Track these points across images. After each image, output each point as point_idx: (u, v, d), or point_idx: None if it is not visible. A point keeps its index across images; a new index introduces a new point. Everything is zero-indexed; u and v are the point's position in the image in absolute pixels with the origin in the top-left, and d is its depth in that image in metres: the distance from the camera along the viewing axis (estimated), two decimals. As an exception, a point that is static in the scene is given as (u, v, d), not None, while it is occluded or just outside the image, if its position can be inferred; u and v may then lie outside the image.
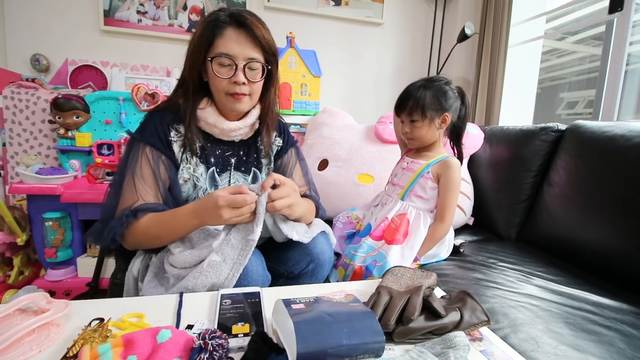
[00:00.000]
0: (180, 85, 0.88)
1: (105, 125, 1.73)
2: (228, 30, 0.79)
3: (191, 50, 0.83)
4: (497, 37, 2.05)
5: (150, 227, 0.76)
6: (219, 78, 0.80)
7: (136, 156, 0.81)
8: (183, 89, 0.87)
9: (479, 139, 1.60)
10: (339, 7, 2.34)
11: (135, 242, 0.79)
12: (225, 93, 0.82)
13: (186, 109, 0.84)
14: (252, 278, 0.73)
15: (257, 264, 0.75)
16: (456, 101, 1.06)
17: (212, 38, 0.79)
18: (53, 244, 1.52)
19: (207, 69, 0.82)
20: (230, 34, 0.79)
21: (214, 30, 0.79)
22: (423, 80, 1.07)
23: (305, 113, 2.11)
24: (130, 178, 0.80)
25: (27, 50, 1.94)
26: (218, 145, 0.90)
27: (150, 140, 0.82)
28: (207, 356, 0.45)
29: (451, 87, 1.06)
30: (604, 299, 0.84)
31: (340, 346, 0.46)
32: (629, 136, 1.02)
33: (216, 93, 0.84)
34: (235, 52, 0.79)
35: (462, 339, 0.52)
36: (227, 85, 0.81)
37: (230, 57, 0.79)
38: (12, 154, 1.71)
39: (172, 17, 2.13)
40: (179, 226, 0.76)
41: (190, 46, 0.83)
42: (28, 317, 0.53)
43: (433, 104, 1.03)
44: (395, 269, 0.73)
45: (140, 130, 0.85)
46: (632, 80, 1.65)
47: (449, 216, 1.05)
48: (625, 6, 1.56)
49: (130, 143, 0.84)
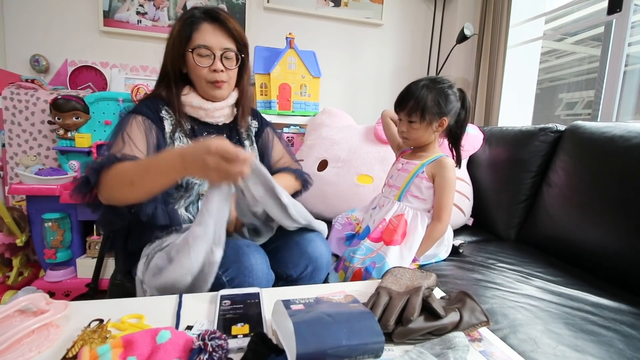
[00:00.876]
0: (161, 80, 0.94)
1: (105, 126, 1.73)
2: (204, 25, 0.88)
3: (171, 45, 0.90)
4: (497, 37, 2.06)
5: (127, 169, 0.71)
6: (199, 67, 0.88)
7: (128, 123, 0.84)
8: (165, 81, 0.93)
9: (478, 139, 1.60)
10: (338, 8, 2.34)
11: (108, 187, 0.72)
12: (206, 81, 0.90)
13: (171, 95, 0.91)
14: (257, 276, 0.73)
15: (261, 262, 0.76)
16: (456, 105, 1.05)
17: (190, 33, 0.87)
18: (52, 244, 1.52)
19: (187, 60, 0.89)
20: (206, 28, 0.88)
21: (191, 26, 0.87)
22: (427, 80, 1.04)
23: (305, 114, 2.11)
24: (121, 138, 0.81)
25: (27, 51, 1.94)
26: (205, 128, 0.96)
27: (143, 111, 0.87)
28: (207, 357, 0.45)
29: (454, 91, 1.05)
30: (603, 300, 0.84)
31: (339, 347, 0.46)
32: (627, 137, 1.02)
33: (198, 82, 0.91)
34: (212, 43, 0.88)
35: (461, 339, 0.52)
36: (207, 73, 0.89)
37: (208, 47, 0.87)
38: (12, 155, 1.71)
39: (172, 17, 2.13)
40: (159, 169, 0.68)
41: (170, 42, 0.90)
42: (27, 318, 0.53)
43: (433, 107, 1.02)
44: (394, 270, 0.73)
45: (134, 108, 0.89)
46: (631, 81, 1.66)
47: (446, 215, 1.05)
48: (624, 7, 1.57)
49: (121, 118, 0.88)
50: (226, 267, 0.73)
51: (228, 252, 0.73)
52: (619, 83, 1.60)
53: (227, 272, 0.73)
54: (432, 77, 1.07)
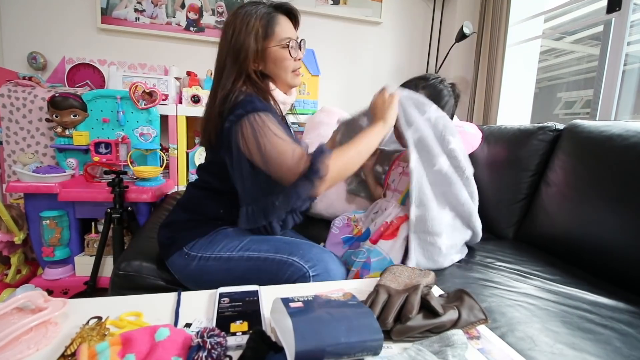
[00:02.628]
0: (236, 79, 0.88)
1: (103, 124, 1.72)
2: (281, 18, 0.91)
3: (253, 42, 0.87)
4: (496, 36, 2.06)
5: (352, 155, 0.87)
6: (288, 60, 0.92)
7: (265, 121, 0.82)
8: (246, 81, 0.90)
9: (476, 138, 1.60)
10: (337, 6, 2.33)
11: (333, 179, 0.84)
12: (292, 71, 0.94)
13: (267, 90, 0.94)
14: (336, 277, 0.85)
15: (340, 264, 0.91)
16: (450, 99, 1.05)
17: (273, 27, 0.89)
18: (50, 242, 1.52)
19: (269, 55, 0.91)
20: (284, 20, 0.92)
21: (273, 20, 0.89)
22: (416, 79, 1.05)
23: (304, 112, 2.10)
24: (276, 134, 0.81)
25: (24, 48, 1.94)
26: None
27: (268, 109, 0.86)
28: (206, 354, 0.45)
29: (445, 85, 1.05)
30: (600, 298, 0.84)
31: (338, 344, 0.46)
32: (626, 136, 1.02)
33: (284, 74, 0.94)
34: (292, 34, 0.93)
35: (460, 337, 0.52)
36: (293, 64, 0.93)
37: (292, 39, 0.92)
38: (9, 153, 1.70)
39: (170, 15, 2.12)
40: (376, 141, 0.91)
41: (249, 39, 0.87)
42: (25, 316, 0.53)
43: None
44: (393, 268, 0.73)
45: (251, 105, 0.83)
46: (630, 80, 1.66)
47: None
48: (623, 6, 1.57)
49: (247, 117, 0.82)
50: (313, 263, 0.83)
51: (314, 251, 0.86)
52: (617, 82, 1.60)
53: (314, 268, 0.83)
54: (420, 76, 1.08)
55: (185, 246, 0.90)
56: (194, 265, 0.88)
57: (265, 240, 0.90)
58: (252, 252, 0.86)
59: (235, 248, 0.88)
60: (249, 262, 0.86)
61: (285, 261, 0.83)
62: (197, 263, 0.88)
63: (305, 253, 0.85)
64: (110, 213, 1.44)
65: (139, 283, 0.95)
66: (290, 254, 0.84)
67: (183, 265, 0.90)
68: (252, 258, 0.86)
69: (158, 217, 1.30)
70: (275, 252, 0.85)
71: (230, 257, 0.87)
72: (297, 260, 0.83)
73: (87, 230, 1.64)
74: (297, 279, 0.81)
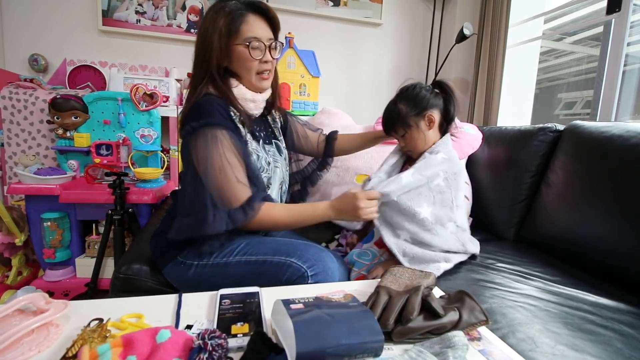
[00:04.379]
0: (202, 77, 0.89)
1: (104, 126, 1.73)
2: (250, 16, 0.87)
3: (216, 39, 0.85)
4: (496, 37, 2.06)
5: (281, 219, 0.87)
6: (250, 60, 0.87)
7: (218, 143, 0.82)
8: (209, 78, 0.88)
9: (477, 139, 1.60)
10: (337, 8, 2.34)
11: (258, 225, 0.86)
12: (256, 73, 0.90)
13: (226, 91, 0.89)
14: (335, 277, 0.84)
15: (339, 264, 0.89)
16: (434, 97, 1.04)
17: (238, 25, 0.85)
18: (51, 244, 1.52)
19: (234, 53, 0.87)
20: (253, 19, 0.87)
21: (239, 18, 0.86)
22: (395, 96, 1.05)
23: (304, 113, 2.11)
24: (223, 167, 0.81)
25: (25, 50, 1.94)
26: (252, 122, 0.97)
27: (225, 124, 0.84)
28: (207, 356, 0.45)
29: (423, 87, 1.04)
30: (601, 299, 0.84)
31: (339, 346, 0.46)
32: (626, 136, 1.02)
33: (247, 74, 0.90)
34: (260, 34, 0.87)
35: (460, 338, 0.52)
36: (257, 65, 0.89)
37: (259, 39, 0.87)
38: (10, 154, 1.71)
39: (171, 17, 2.13)
40: (313, 220, 0.89)
41: (214, 36, 0.85)
42: (27, 318, 0.53)
43: (410, 111, 1.01)
44: (394, 269, 0.73)
45: (207, 115, 0.83)
46: (630, 80, 1.66)
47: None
48: (623, 7, 1.57)
49: (203, 131, 0.82)
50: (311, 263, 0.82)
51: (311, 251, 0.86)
52: (617, 83, 1.60)
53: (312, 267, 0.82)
54: (398, 91, 1.06)
55: (179, 255, 0.88)
56: (190, 273, 0.87)
57: (262, 242, 0.89)
58: (250, 256, 0.86)
59: (232, 253, 0.87)
60: (247, 266, 0.85)
61: (283, 263, 0.83)
62: (194, 271, 0.87)
63: (302, 253, 0.84)
64: (111, 214, 1.44)
65: (139, 286, 0.95)
66: (287, 255, 0.83)
67: (180, 274, 0.89)
68: (250, 262, 0.85)
69: (159, 218, 1.30)
70: (273, 255, 0.85)
71: (228, 262, 0.86)
72: (294, 261, 0.82)
73: (88, 232, 1.64)
74: (296, 280, 0.81)
